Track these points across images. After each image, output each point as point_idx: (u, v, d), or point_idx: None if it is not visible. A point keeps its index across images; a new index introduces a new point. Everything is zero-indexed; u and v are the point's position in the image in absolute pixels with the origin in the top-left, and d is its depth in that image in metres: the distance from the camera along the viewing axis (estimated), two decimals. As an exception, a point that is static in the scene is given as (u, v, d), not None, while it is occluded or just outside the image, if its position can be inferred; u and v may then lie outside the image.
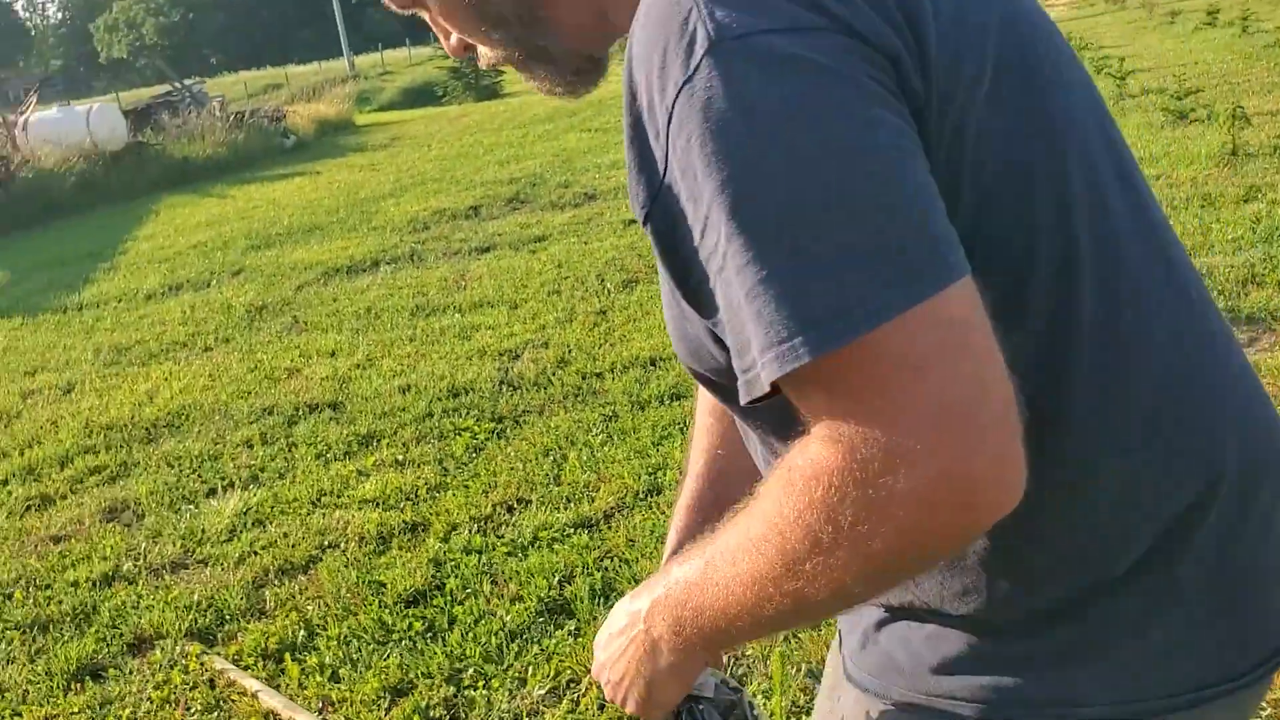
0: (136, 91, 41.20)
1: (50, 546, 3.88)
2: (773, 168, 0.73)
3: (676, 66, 0.75)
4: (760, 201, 0.73)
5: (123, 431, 5.04)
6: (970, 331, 0.73)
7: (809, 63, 0.74)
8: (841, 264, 0.71)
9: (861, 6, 0.77)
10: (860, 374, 0.71)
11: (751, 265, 0.73)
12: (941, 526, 0.73)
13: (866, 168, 0.73)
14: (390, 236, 9.21)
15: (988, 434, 0.72)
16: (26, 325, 7.97)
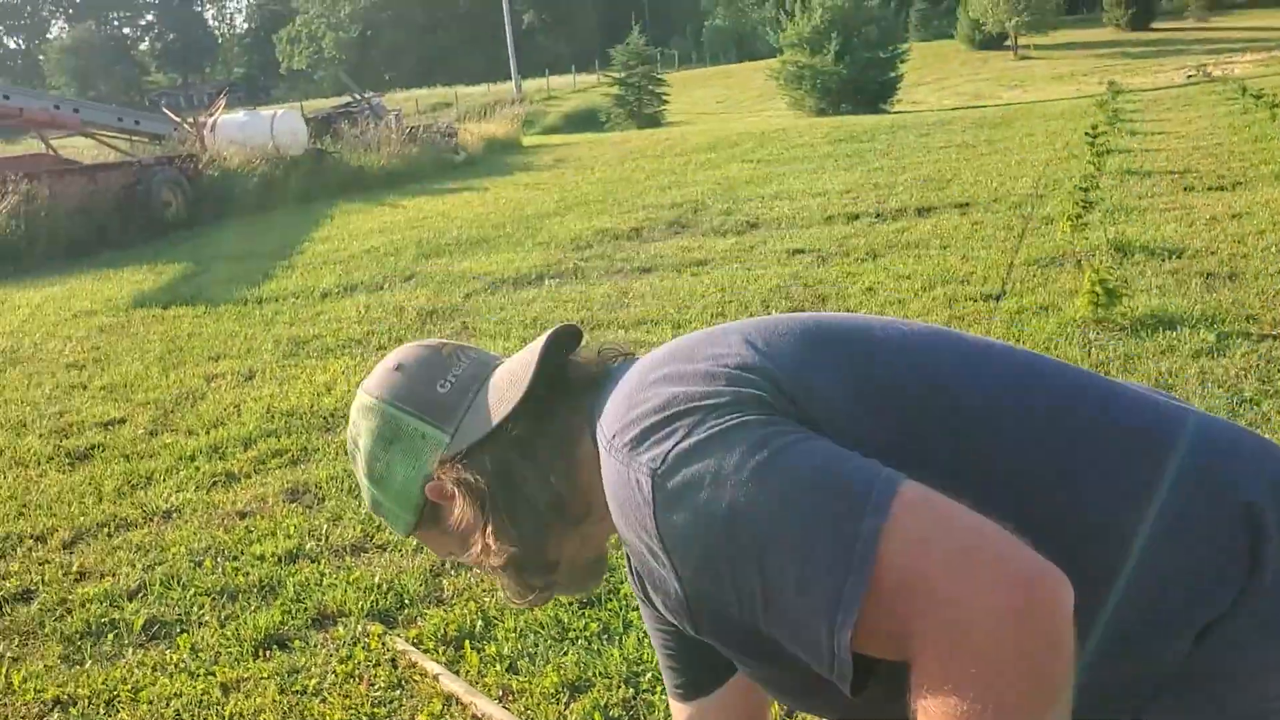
0: (318, 101, 42.85)
1: (236, 521, 4.06)
2: (743, 517, 0.96)
3: (644, 511, 1.02)
4: (752, 546, 0.96)
5: (302, 419, 5.24)
6: (936, 503, 0.94)
7: (709, 439, 1.00)
8: (828, 533, 0.93)
9: (722, 388, 1.06)
10: (897, 586, 0.90)
11: (780, 591, 0.95)
12: (1037, 622, 0.87)
13: (791, 465, 0.97)
14: (554, 252, 9.38)
15: (1002, 546, 0.90)
16: (209, 314, 8.36)
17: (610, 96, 33.93)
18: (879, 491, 0.93)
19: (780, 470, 0.97)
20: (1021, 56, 42.32)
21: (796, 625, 0.94)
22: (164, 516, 4.20)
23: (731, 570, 0.98)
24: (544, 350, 1.23)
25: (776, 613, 0.96)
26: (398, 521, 1.31)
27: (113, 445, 5.16)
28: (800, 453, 0.98)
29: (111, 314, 8.76)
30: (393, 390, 1.28)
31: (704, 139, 19.56)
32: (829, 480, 0.96)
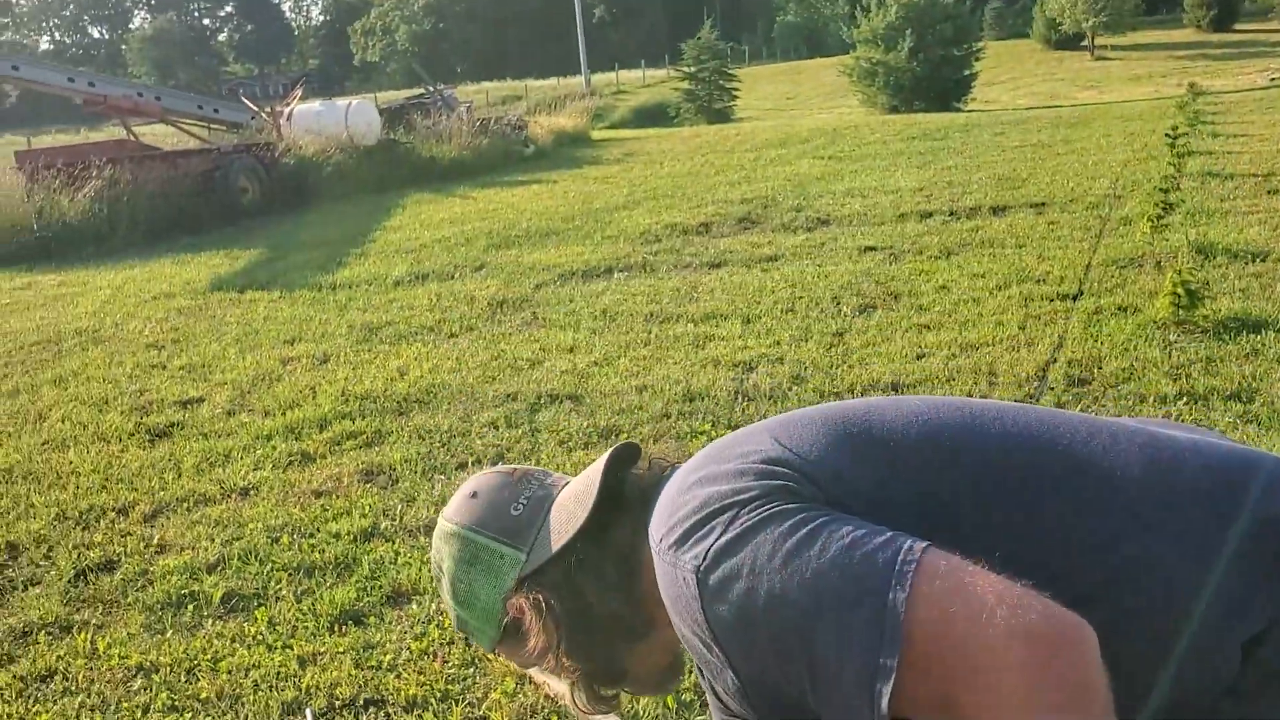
0: (390, 92, 43.33)
1: (312, 499, 4.13)
2: (781, 604, 1.04)
3: (695, 607, 1.10)
4: (790, 628, 1.03)
5: (376, 402, 5.31)
6: (961, 568, 1.00)
7: (745, 533, 1.08)
8: (862, 606, 0.99)
9: (752, 482, 1.14)
10: (929, 652, 0.96)
11: (821, 664, 1.01)
12: (1064, 669, 0.93)
13: (821, 547, 1.04)
14: (623, 246, 9.40)
15: (1022, 599, 0.96)
16: (284, 298, 8.50)
17: (680, 91, 33.90)
18: (903, 563, 1.00)
19: (811, 554, 1.04)
20: (1098, 57, 41.61)
21: (841, 700, 1.00)
22: (241, 493, 4.28)
23: (777, 654, 1.06)
24: (605, 470, 1.34)
25: (823, 690, 1.02)
26: (483, 637, 1.40)
27: (191, 423, 5.27)
28: (828, 534, 1.05)
29: (189, 297, 8.94)
30: (470, 516, 1.39)
31: (774, 135, 19.48)
32: (856, 558, 1.02)
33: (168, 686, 2.89)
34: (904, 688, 0.96)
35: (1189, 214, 7.76)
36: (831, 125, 21.40)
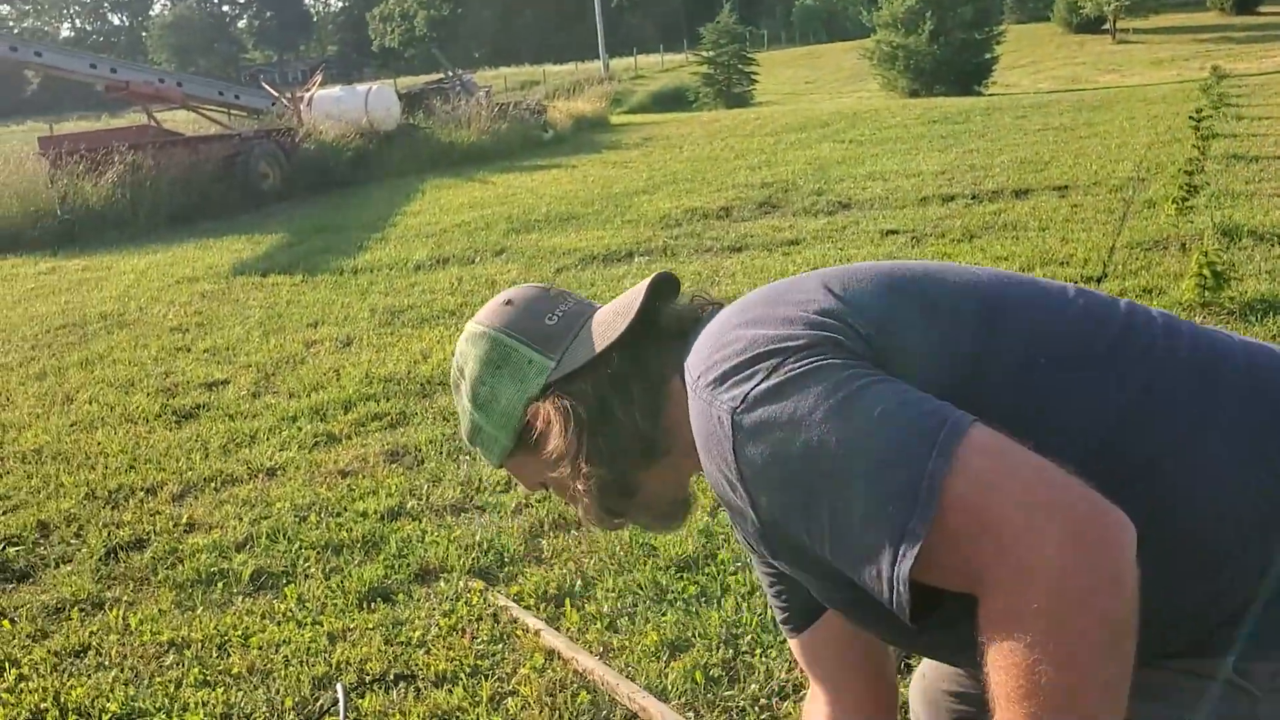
0: (408, 78, 43.35)
1: (339, 479, 4.15)
2: (818, 455, 1.01)
3: (726, 448, 1.08)
4: (826, 481, 1.01)
5: (400, 385, 5.34)
6: (1005, 447, 0.97)
7: (789, 381, 1.05)
8: (898, 471, 0.97)
9: (802, 330, 1.10)
10: (963, 516, 0.94)
11: (848, 522, 0.99)
12: (1102, 563, 0.90)
13: (867, 405, 1.01)
14: (644, 230, 9.39)
15: (1068, 488, 0.93)
16: (306, 282, 8.53)
17: (699, 75, 33.78)
18: (948, 433, 0.97)
19: (853, 411, 1.01)
20: (1120, 40, 41.27)
21: (861, 558, 0.99)
22: (268, 474, 4.31)
23: (803, 506, 1.03)
24: (646, 294, 1.30)
25: (844, 546, 1.00)
26: (494, 446, 1.37)
27: (217, 405, 5.31)
28: (873, 394, 1.02)
29: (213, 281, 8.99)
30: (504, 320, 1.36)
31: (794, 119, 19.41)
32: (900, 421, 1.00)
33: (199, 661, 2.92)
34: (930, 555, 0.94)
35: (1214, 196, 7.70)
36: (851, 109, 21.30)
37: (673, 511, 1.38)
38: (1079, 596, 0.89)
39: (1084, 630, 0.89)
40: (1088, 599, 0.89)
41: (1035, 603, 0.89)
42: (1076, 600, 0.89)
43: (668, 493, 1.34)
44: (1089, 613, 0.89)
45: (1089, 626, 0.89)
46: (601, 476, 1.28)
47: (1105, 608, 0.90)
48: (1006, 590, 0.91)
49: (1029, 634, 0.89)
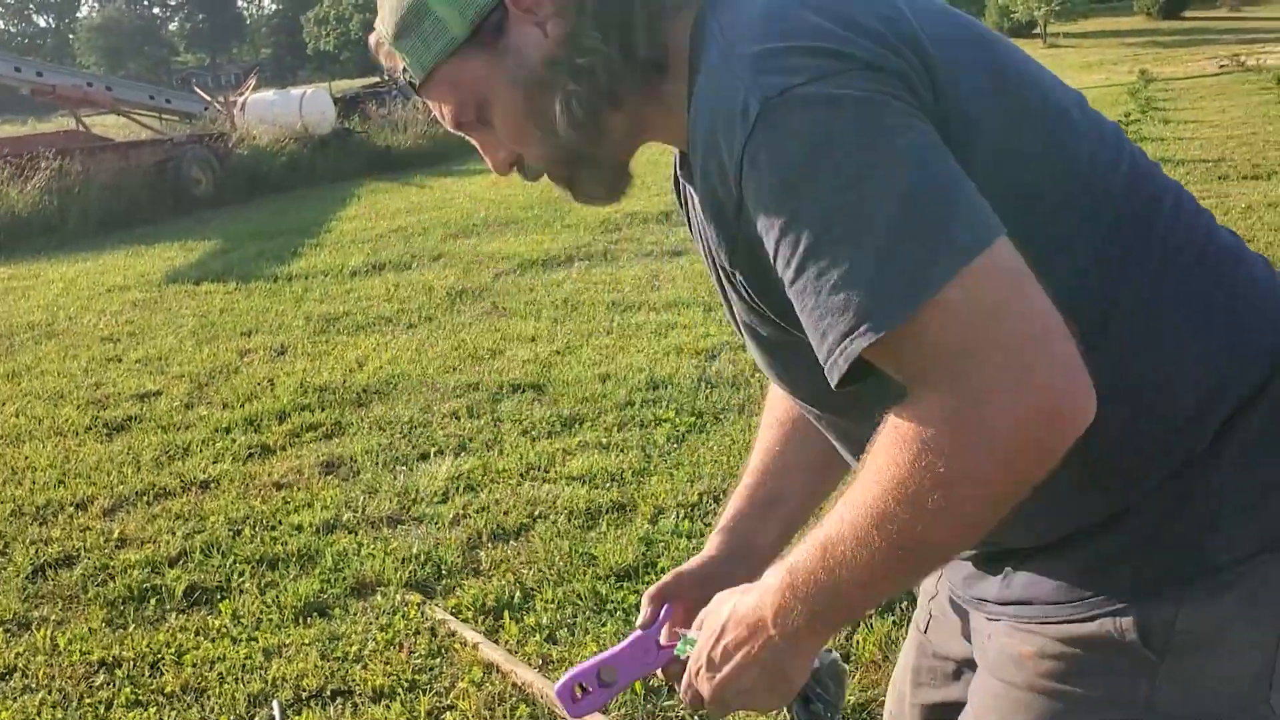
0: (344, 81, 42.99)
1: (273, 492, 4.10)
2: (830, 184, 0.89)
3: (738, 132, 0.92)
4: (824, 212, 0.89)
5: (335, 394, 5.28)
6: (1023, 275, 0.87)
7: (839, 98, 0.90)
8: (903, 245, 0.86)
9: (871, 46, 0.93)
10: (944, 328, 0.85)
11: (826, 267, 0.88)
12: (1043, 440, 0.85)
13: (904, 165, 0.88)
14: (583, 235, 9.38)
15: (1061, 356, 0.85)
16: (240, 290, 8.41)
17: (637, 80, 33.82)
18: (978, 232, 0.87)
19: (892, 165, 0.89)
20: (1050, 44, 41.96)
21: (823, 312, 0.89)
22: (202, 486, 4.25)
23: (792, 227, 0.90)
24: None
25: (810, 290, 0.90)
26: (438, 37, 1.05)
27: (149, 417, 5.22)
28: (919, 158, 0.90)
29: (144, 289, 8.83)
30: None
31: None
32: (932, 198, 0.88)
33: (131, 681, 2.87)
34: (890, 344, 0.86)
35: (1141, 199, 7.84)
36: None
37: (617, 178, 1.16)
38: (1008, 468, 0.85)
39: (978, 499, 0.87)
40: (1010, 476, 0.86)
41: (960, 436, 0.85)
42: (1003, 469, 0.85)
43: (622, 149, 1.13)
44: (997, 489, 0.87)
45: (985, 499, 0.87)
46: (593, 80, 1.04)
47: (1009, 495, 0.87)
48: (941, 407, 0.86)
49: (931, 455, 0.85)
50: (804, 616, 1.00)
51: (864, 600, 1.01)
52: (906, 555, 0.91)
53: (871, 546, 0.91)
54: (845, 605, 0.99)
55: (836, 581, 0.95)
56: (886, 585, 0.98)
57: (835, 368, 0.90)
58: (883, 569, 0.93)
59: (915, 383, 0.88)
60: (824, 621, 1.01)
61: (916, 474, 0.86)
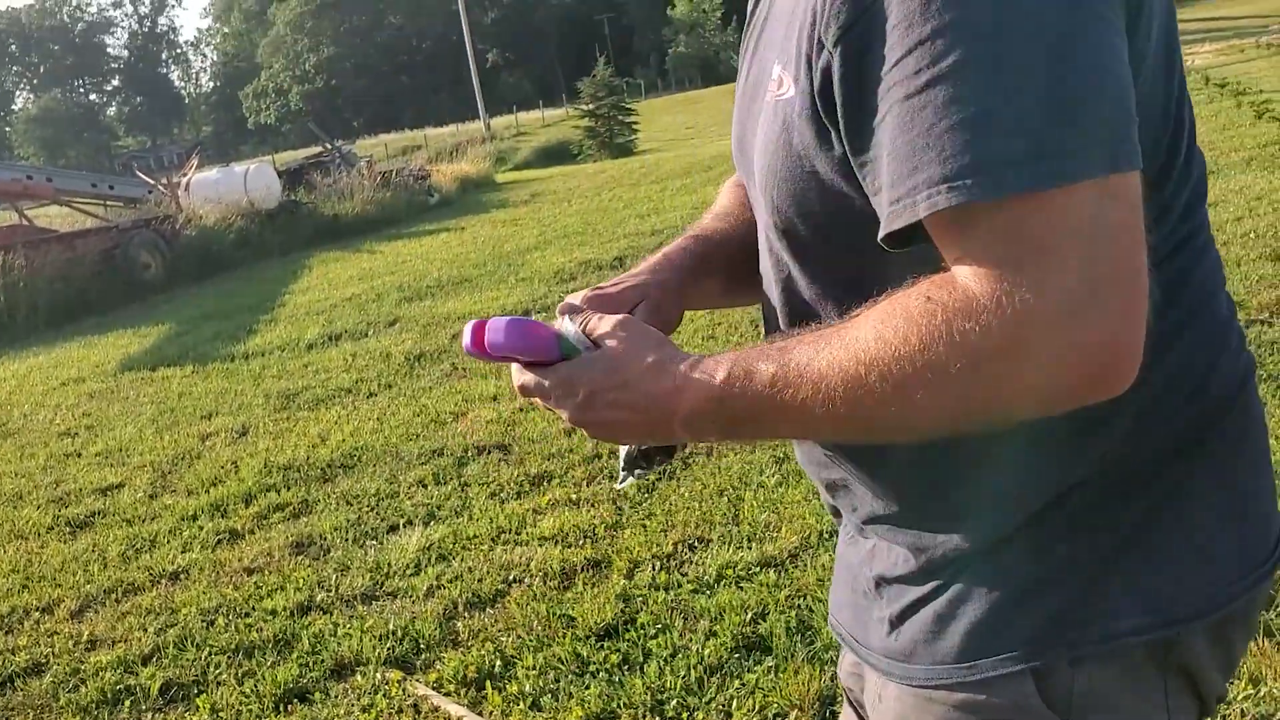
0: (287, 154, 43.00)
1: (245, 577, 4.04)
2: (1023, 15, 0.76)
3: None
4: (992, 40, 0.75)
5: (300, 471, 5.23)
6: (1138, 216, 0.77)
7: None
8: (1062, 116, 0.74)
9: None
10: (1041, 225, 0.75)
11: (963, 97, 0.75)
12: (1073, 386, 0.77)
13: (1098, 43, 0.77)
14: (539, 287, 9.40)
15: (1136, 314, 0.76)
16: (198, 373, 8.34)
17: (581, 129, 34.05)
18: (1131, 151, 0.77)
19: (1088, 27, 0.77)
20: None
21: (931, 138, 0.76)
22: (171, 578, 4.18)
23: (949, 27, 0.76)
24: None
25: (927, 107, 0.76)
26: None
27: (113, 511, 5.14)
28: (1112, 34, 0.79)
29: (100, 379, 8.73)
30: None
31: (678, 164, 19.64)
32: (1115, 85, 0.77)
33: (110, 788, 2.81)
34: (986, 216, 0.75)
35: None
36: (724, 152, 21.59)
37: None
38: (1041, 378, 0.76)
39: (988, 394, 0.77)
40: (1033, 388, 0.77)
41: (1021, 334, 0.74)
42: (1035, 376, 0.76)
43: None
44: (1013, 392, 0.77)
45: (993, 398, 0.78)
46: None
47: (1013, 407, 0.79)
48: (1018, 299, 0.74)
49: (980, 332, 0.75)
50: (716, 429, 0.93)
51: (784, 436, 0.94)
52: (862, 421, 0.83)
53: (834, 399, 0.82)
54: (764, 435, 0.93)
55: (773, 419, 0.87)
56: (818, 437, 0.93)
57: (907, 209, 0.78)
58: (829, 423, 0.84)
59: (970, 267, 0.77)
60: (731, 437, 0.94)
61: (943, 338, 0.76)
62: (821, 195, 0.92)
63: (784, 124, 0.93)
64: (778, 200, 0.98)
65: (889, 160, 0.79)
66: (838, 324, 0.85)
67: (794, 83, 0.91)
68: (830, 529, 3.48)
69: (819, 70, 0.86)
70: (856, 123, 0.84)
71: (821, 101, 0.87)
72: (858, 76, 0.82)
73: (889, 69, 0.79)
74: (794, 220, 0.98)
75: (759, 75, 1.04)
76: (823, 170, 0.91)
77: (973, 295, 0.76)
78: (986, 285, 0.75)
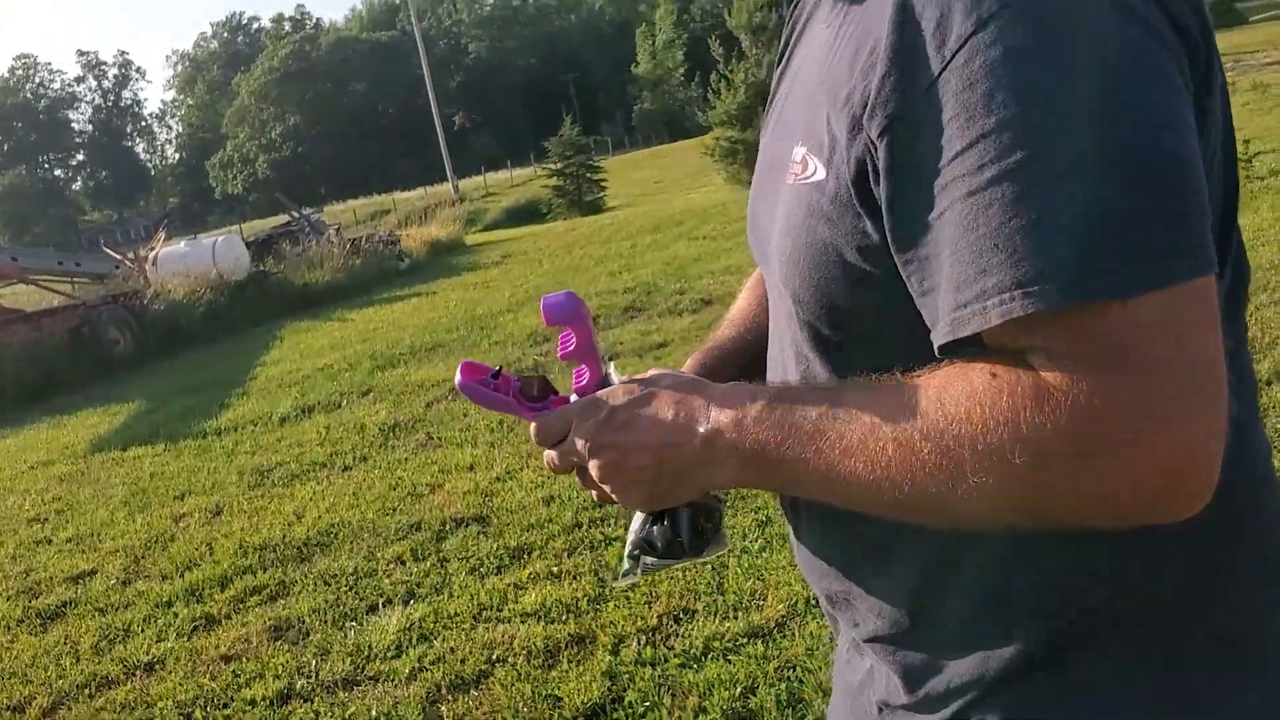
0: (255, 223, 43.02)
1: (222, 666, 3.95)
2: (1095, 108, 0.71)
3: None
4: (1063, 134, 0.70)
5: (276, 551, 5.15)
6: (1216, 319, 0.72)
7: (1146, 23, 0.74)
8: (1136, 217, 0.70)
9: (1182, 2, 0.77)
10: (1121, 326, 0.70)
11: (1034, 195, 0.70)
12: (1148, 497, 0.71)
13: (1176, 139, 0.72)
14: (512, 350, 9.37)
15: (1219, 422, 0.71)
16: (169, 450, 8.23)
17: (549, 188, 34.24)
18: (1210, 251, 0.71)
19: (1164, 112, 0.73)
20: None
21: (1000, 239, 0.71)
22: (146, 669, 4.08)
23: (1014, 118, 0.71)
24: None
25: (994, 204, 0.71)
26: None
27: (85, 600, 5.03)
28: (1188, 127, 0.74)
29: (69, 461, 8.60)
30: None
31: (647, 220, 19.75)
32: (1193, 179, 0.72)
33: None
34: (1065, 322, 0.70)
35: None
36: (701, 205, 21.78)
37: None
38: (1112, 483, 0.71)
39: (1051, 489, 0.72)
40: (1108, 494, 0.71)
41: (1087, 433, 0.70)
42: (1102, 483, 0.71)
43: None
44: (1085, 500, 0.72)
45: (1065, 498, 0.72)
46: None
47: (1092, 514, 0.73)
48: (1092, 398, 0.70)
49: (1051, 425, 0.70)
50: (736, 459, 0.86)
51: (809, 487, 0.85)
52: (907, 488, 0.76)
53: (879, 457, 0.77)
54: (786, 476, 0.85)
55: (805, 461, 0.81)
56: (847, 497, 0.82)
57: (976, 315, 0.72)
58: (868, 483, 0.78)
59: (1059, 355, 0.71)
60: (750, 471, 0.87)
61: (1007, 424, 0.71)
62: (850, 288, 0.87)
63: (809, 209, 0.88)
64: (800, 292, 0.92)
65: (951, 261, 0.74)
66: (894, 380, 0.80)
67: (824, 165, 0.86)
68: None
69: (854, 156, 0.82)
70: (904, 216, 0.78)
71: (857, 189, 0.82)
72: (906, 168, 0.77)
73: (947, 162, 0.74)
74: (818, 313, 0.92)
75: (777, 158, 1.00)
76: (853, 260, 0.85)
77: (1045, 385, 0.71)
78: (1060, 378, 0.71)
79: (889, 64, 0.78)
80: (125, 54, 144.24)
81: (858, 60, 0.82)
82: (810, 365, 0.97)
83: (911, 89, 0.76)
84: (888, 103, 0.78)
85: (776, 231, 0.96)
